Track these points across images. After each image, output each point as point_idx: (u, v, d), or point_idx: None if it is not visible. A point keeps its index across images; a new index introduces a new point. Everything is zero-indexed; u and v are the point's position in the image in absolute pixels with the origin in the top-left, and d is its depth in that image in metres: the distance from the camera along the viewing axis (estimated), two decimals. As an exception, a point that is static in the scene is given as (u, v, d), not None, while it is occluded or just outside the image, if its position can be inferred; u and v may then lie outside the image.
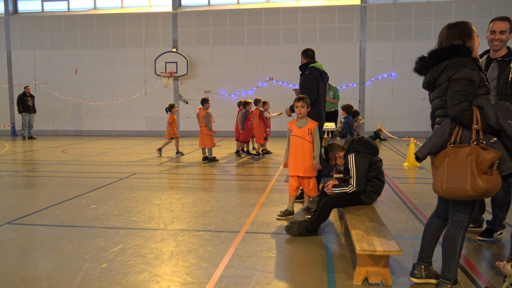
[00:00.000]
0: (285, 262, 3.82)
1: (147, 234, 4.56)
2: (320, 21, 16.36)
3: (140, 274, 3.53)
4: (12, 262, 3.86)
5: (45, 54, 18.08)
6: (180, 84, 17.31)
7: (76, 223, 5.01)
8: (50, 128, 18.26)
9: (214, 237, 4.47)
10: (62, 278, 3.44)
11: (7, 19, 18.22)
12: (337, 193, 4.38)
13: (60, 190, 6.85)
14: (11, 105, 18.34)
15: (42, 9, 18.49)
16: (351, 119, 8.42)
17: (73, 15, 17.93)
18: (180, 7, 17.42)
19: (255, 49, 16.79)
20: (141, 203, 5.97)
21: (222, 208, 5.70)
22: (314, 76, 5.83)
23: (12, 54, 18.28)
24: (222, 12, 16.95)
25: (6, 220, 5.12)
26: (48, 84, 18.05)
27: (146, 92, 17.49)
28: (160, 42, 17.36)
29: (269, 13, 16.65)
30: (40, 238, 4.48)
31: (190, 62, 17.00)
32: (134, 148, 13.03)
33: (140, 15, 17.48)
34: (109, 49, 17.68)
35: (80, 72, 17.92)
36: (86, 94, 17.90)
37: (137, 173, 8.51)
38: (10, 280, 3.45)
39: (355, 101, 15.94)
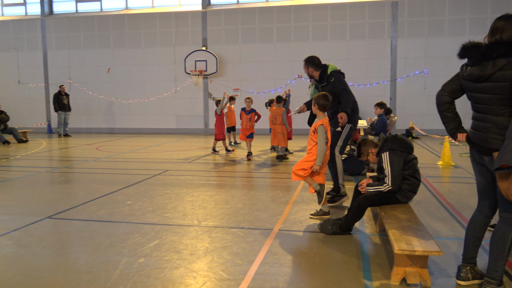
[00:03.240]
0: (320, 260, 3.80)
1: (181, 230, 4.63)
2: (350, 17, 16.15)
3: (176, 269, 3.59)
4: (54, 255, 3.99)
5: (79, 53, 18.56)
6: (210, 82, 17.45)
7: (113, 218, 5.13)
8: (84, 126, 18.76)
9: (248, 234, 4.49)
10: (102, 272, 3.54)
11: (43, 20, 18.80)
12: (372, 192, 4.33)
13: (96, 186, 7.03)
14: (47, 103, 18.94)
15: (76, 10, 18.98)
16: (385, 117, 8.27)
17: (106, 15, 18.33)
18: (209, 6, 17.55)
19: (284, 46, 16.74)
20: (175, 199, 6.06)
21: (254, 205, 5.72)
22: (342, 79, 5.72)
23: (48, 54, 18.85)
24: (251, 10, 16.97)
25: (46, 215, 5.30)
26: (82, 83, 18.54)
27: (176, 90, 17.71)
28: (190, 40, 17.54)
29: (298, 10, 16.56)
30: (79, 232, 4.61)
31: (219, 60, 17.11)
32: (165, 146, 13.22)
33: (170, 14, 17.70)
34: (140, 48, 18.00)
35: (113, 71, 18.32)
36: (118, 92, 18.28)
37: (169, 170, 8.64)
38: (53, 272, 3.57)
39: (386, 98, 15.67)
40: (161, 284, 3.30)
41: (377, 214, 4.84)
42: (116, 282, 3.34)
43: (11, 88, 19.15)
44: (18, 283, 3.36)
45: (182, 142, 14.19)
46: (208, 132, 17.48)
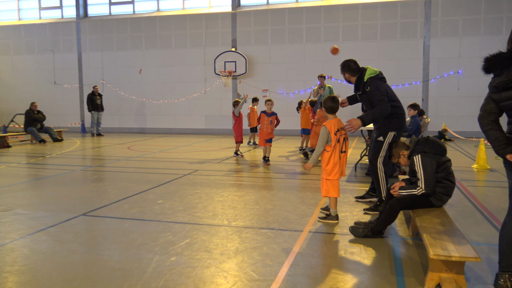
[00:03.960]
0: (351, 263, 3.75)
1: (212, 230, 4.67)
2: (382, 17, 15.90)
3: (207, 268, 3.61)
4: (88, 252, 4.10)
5: (112, 55, 19.01)
6: (239, 83, 17.53)
7: (145, 216, 5.22)
8: (116, 125, 19.19)
9: (278, 235, 4.48)
10: (135, 269, 3.60)
11: (78, 22, 19.35)
12: (405, 195, 4.24)
13: (128, 185, 7.18)
14: (81, 103, 19.48)
15: (109, 13, 19.44)
16: (418, 119, 8.10)
17: (138, 17, 18.70)
18: (239, 7, 17.64)
19: (314, 47, 16.64)
20: (204, 199, 6.11)
21: (283, 206, 5.70)
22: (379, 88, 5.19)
23: (82, 55, 19.39)
24: (281, 10, 16.96)
25: (81, 212, 5.44)
26: (114, 83, 18.97)
27: (206, 91, 17.88)
28: (220, 42, 17.67)
29: (328, 10, 16.43)
30: (112, 230, 4.71)
31: (248, 61, 17.17)
32: (194, 146, 13.37)
33: (201, 16, 17.89)
34: (171, 50, 18.27)
35: (144, 72, 18.67)
36: (149, 93, 18.62)
37: (199, 170, 8.72)
38: (88, 269, 3.66)
39: (418, 99, 15.33)
40: (192, 283, 3.34)
41: (410, 217, 4.75)
42: (148, 279, 3.39)
43: (47, 89, 19.81)
44: (55, 278, 3.46)
45: (211, 142, 14.31)
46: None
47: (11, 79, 20.42)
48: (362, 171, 8.39)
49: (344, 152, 4.97)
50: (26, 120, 14.73)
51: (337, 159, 4.88)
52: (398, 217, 4.97)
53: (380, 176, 5.36)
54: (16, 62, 20.30)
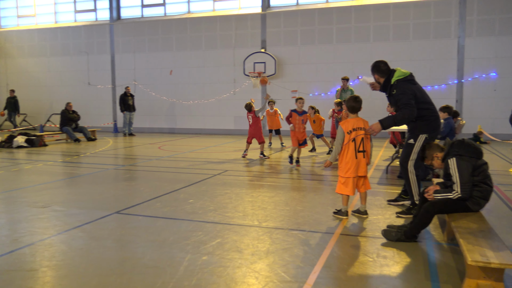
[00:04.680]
0: (384, 267, 3.69)
1: (242, 230, 4.69)
2: (414, 17, 15.58)
3: (238, 268, 3.63)
4: (122, 249, 4.19)
5: (144, 56, 19.38)
6: (268, 84, 17.53)
7: (176, 215, 5.30)
8: (147, 125, 19.54)
9: (309, 237, 4.46)
10: (168, 267, 3.66)
11: (112, 25, 19.81)
12: (440, 199, 4.14)
13: (160, 184, 7.30)
14: (113, 104, 19.95)
15: (141, 15, 19.83)
16: (452, 121, 7.89)
17: (169, 19, 18.99)
18: (269, 8, 17.65)
19: (344, 47, 16.47)
20: (235, 199, 6.15)
21: (314, 208, 5.67)
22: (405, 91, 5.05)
23: (115, 57, 19.85)
24: (311, 11, 16.87)
25: (115, 210, 5.57)
26: (146, 84, 19.33)
27: (235, 92, 17.98)
28: (249, 43, 17.74)
29: (359, 10, 16.23)
30: (145, 228, 4.80)
31: (278, 62, 17.16)
32: (224, 146, 13.46)
33: (231, 17, 18.01)
34: (201, 51, 18.47)
35: (175, 73, 18.94)
36: (180, 94, 18.87)
37: (228, 170, 8.78)
38: (122, 265, 3.74)
39: (452, 101, 14.94)
40: (224, 282, 3.36)
41: (445, 222, 4.63)
42: (181, 277, 3.44)
43: (81, 89, 20.37)
44: (91, 273, 3.56)
45: (240, 143, 14.36)
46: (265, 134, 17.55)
47: (48, 80, 21.12)
48: (394, 173, 8.25)
49: (362, 151, 5.01)
50: (61, 120, 15.19)
51: (350, 158, 5.00)
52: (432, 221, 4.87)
53: (411, 179, 5.26)
54: (53, 63, 20.98)
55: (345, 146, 5.02)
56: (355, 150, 5.00)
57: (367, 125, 5.12)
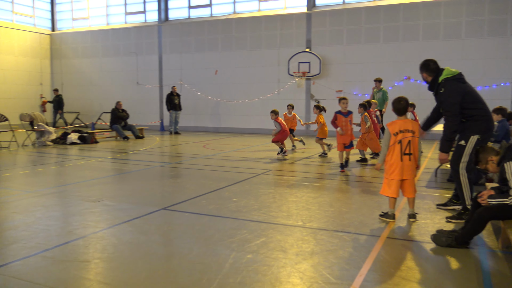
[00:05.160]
0: (434, 273, 3.57)
1: (286, 230, 4.68)
2: (467, 14, 14.95)
3: (283, 268, 3.63)
4: (170, 244, 4.30)
5: (190, 56, 19.77)
6: (312, 84, 17.42)
7: (221, 213, 5.37)
8: (192, 124, 19.93)
9: (354, 239, 4.39)
10: (213, 263, 3.72)
11: (160, 26, 20.36)
12: (494, 204, 3.95)
13: (205, 182, 7.43)
14: (160, 103, 20.49)
15: (188, 16, 20.24)
16: (507, 123, 7.50)
17: (215, 20, 19.27)
18: (314, 7, 17.52)
19: (391, 47, 16.07)
20: (278, 199, 6.15)
21: (359, 210, 5.58)
22: (453, 93, 4.93)
23: (162, 57, 20.39)
24: (357, 10, 16.58)
25: (162, 206, 5.73)
26: (192, 84, 19.72)
27: (279, 92, 17.98)
28: (294, 42, 17.68)
29: (408, 8, 15.78)
30: (191, 224, 4.90)
31: (323, 62, 17.00)
32: (267, 146, 13.48)
33: (276, 17, 18.03)
34: (246, 51, 18.61)
35: (219, 73, 19.20)
36: (224, 93, 19.11)
37: (272, 170, 8.80)
38: (169, 260, 3.84)
39: (507, 102, 14.21)
40: (268, 281, 3.37)
41: (499, 228, 4.42)
42: (226, 274, 3.48)
43: (131, 89, 21.08)
44: (140, 266, 3.68)
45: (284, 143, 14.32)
46: (309, 134, 17.46)
47: (99, 80, 22.00)
48: (443, 176, 7.96)
49: (408, 154, 4.90)
50: (111, 118, 15.78)
51: (396, 160, 4.91)
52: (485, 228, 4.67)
53: (463, 183, 5.07)
54: (104, 64, 21.84)
55: (390, 148, 4.94)
56: (400, 152, 4.89)
57: (416, 127, 4.98)
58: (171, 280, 3.40)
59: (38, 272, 3.53)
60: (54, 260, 3.80)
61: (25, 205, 5.81)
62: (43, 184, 7.29)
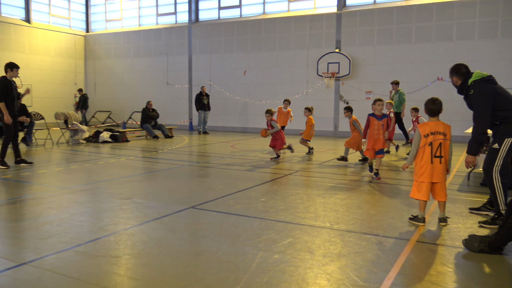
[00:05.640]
0: (465, 279, 3.49)
1: (313, 232, 4.67)
2: (504, 13, 14.47)
3: (310, 269, 3.63)
4: (198, 242, 4.36)
5: (219, 57, 19.94)
6: (342, 85, 17.26)
7: (248, 213, 5.40)
8: (220, 124, 20.10)
9: (382, 242, 4.33)
10: (240, 263, 3.75)
11: (190, 27, 20.62)
12: (531, 209, 3.83)
13: (232, 182, 7.48)
14: (189, 103, 20.75)
15: (218, 17, 20.42)
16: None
17: (244, 20, 19.37)
18: (344, 7, 17.36)
19: (424, 47, 15.74)
20: (306, 200, 6.14)
21: (388, 212, 5.50)
22: (483, 94, 4.82)
23: (192, 58, 20.64)
24: (389, 9, 16.32)
25: (190, 205, 5.81)
26: (220, 84, 19.89)
27: (308, 93, 17.90)
28: (324, 43, 17.56)
29: (442, 7, 15.41)
30: (219, 223, 4.95)
31: (352, 62, 16.82)
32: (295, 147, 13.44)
33: (305, 18, 17.96)
34: (275, 51, 18.62)
35: (248, 73, 19.28)
36: (252, 94, 19.17)
37: (299, 170, 8.77)
38: (197, 258, 3.90)
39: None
40: (295, 282, 3.37)
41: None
42: (253, 274, 3.51)
43: (161, 89, 21.44)
44: (168, 263, 3.74)
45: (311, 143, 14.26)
46: (337, 135, 17.32)
47: (131, 80, 22.48)
48: (476, 180, 7.75)
49: (439, 157, 4.81)
50: (142, 117, 16.09)
51: (426, 162, 4.82)
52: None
53: (496, 187, 4.93)
54: (135, 64, 22.29)
55: (420, 150, 4.87)
56: (431, 154, 4.80)
57: (448, 130, 4.88)
58: (198, 278, 3.44)
59: (72, 266, 3.65)
60: (87, 255, 3.92)
61: (59, 201, 6.01)
62: (76, 181, 7.52)
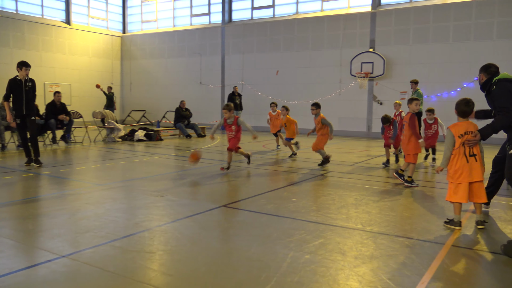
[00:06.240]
0: (503, 287, 3.38)
1: (345, 233, 4.63)
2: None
3: (341, 270, 3.60)
4: (229, 240, 4.41)
5: (252, 57, 20.03)
6: (375, 85, 16.99)
7: (279, 213, 5.41)
8: (252, 124, 20.12)
9: (416, 245, 4.25)
10: (271, 262, 3.76)
11: (223, 27, 20.81)
12: None
13: (264, 181, 7.51)
14: (222, 102, 20.95)
15: (251, 17, 20.51)
16: None
17: (277, 20, 19.37)
18: (379, 6, 17.08)
19: (462, 46, 15.29)
20: (338, 201, 6.09)
21: (422, 216, 5.38)
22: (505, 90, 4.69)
23: (225, 58, 20.83)
24: (425, 8, 15.95)
25: (222, 203, 5.88)
26: (252, 84, 19.97)
27: (340, 93, 17.73)
28: (357, 42, 17.35)
29: (481, 5, 14.92)
30: (250, 222, 4.99)
31: (387, 62, 16.53)
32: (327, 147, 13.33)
33: (339, 17, 17.78)
34: (307, 51, 18.53)
35: (280, 73, 19.27)
36: (284, 93, 19.16)
37: (332, 171, 8.70)
38: (228, 256, 3.94)
39: None
40: (326, 282, 3.36)
41: None
42: (284, 273, 3.51)
43: (194, 89, 21.75)
44: (200, 260, 3.81)
45: (344, 144, 14.14)
46: (370, 136, 17.06)
47: (165, 80, 22.91)
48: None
49: (473, 155, 4.73)
50: (175, 117, 16.38)
51: (462, 162, 4.72)
52: None
53: None
54: (169, 64, 22.71)
55: (456, 151, 4.77)
56: (466, 154, 4.73)
57: (476, 129, 4.81)
58: (229, 276, 3.48)
59: (108, 260, 3.77)
60: (122, 249, 4.04)
61: (96, 197, 6.20)
62: (112, 178, 7.74)
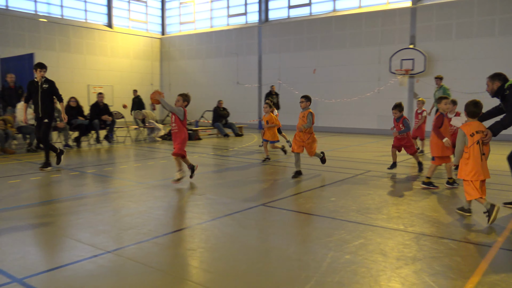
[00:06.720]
0: (556, 291, 3.22)
1: (386, 233, 4.54)
2: None
3: (383, 272, 3.54)
4: (268, 239, 4.42)
5: (289, 56, 19.97)
6: (416, 82, 16.55)
7: (318, 212, 5.38)
8: (290, 123, 20.08)
9: (461, 247, 4.11)
10: (311, 261, 3.75)
11: (260, 27, 20.87)
12: None
13: (302, 181, 7.48)
14: (259, 102, 21.02)
15: (288, 16, 20.46)
16: None
17: (314, 18, 19.22)
18: (420, 1, 16.62)
19: (509, 40, 14.62)
20: (378, 201, 5.98)
21: (466, 217, 5.20)
22: None
23: (262, 57, 20.88)
24: (469, 2, 15.37)
25: (261, 202, 5.90)
26: (289, 83, 19.92)
27: (380, 90, 17.38)
28: (397, 39, 16.96)
29: (530, -3, 14.24)
30: (289, 221, 4.99)
31: (428, 58, 16.06)
32: (366, 146, 13.14)
33: (377, 13, 17.44)
34: (345, 49, 18.29)
35: (318, 71, 19.12)
36: (322, 92, 18.99)
37: (371, 171, 8.56)
38: (268, 255, 3.96)
39: None
40: (367, 283, 3.31)
41: None
42: (324, 273, 3.49)
43: (231, 88, 21.93)
44: (240, 259, 3.84)
45: (383, 143, 13.85)
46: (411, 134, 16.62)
47: (202, 79, 23.24)
48: None
49: (483, 154, 4.93)
50: (213, 116, 16.58)
51: (476, 161, 4.90)
52: None
53: None
54: (207, 64, 23.01)
55: (469, 149, 4.94)
56: (480, 152, 4.93)
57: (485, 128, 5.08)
58: (269, 274, 3.50)
59: (151, 256, 3.87)
60: (164, 246, 4.13)
61: (138, 195, 6.38)
62: (153, 177, 7.93)
